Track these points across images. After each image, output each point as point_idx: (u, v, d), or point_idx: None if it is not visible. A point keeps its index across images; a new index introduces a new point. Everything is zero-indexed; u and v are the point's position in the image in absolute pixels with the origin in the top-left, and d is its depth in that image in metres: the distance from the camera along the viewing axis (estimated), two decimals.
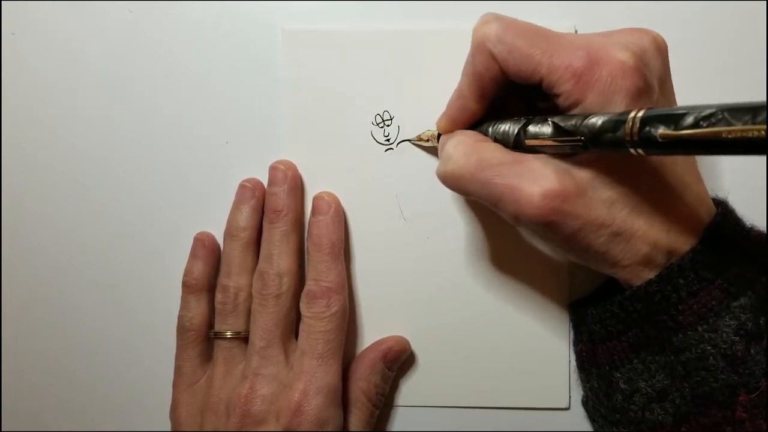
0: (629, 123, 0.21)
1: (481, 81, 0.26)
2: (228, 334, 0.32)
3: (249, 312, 0.32)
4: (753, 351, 0.24)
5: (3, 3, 0.34)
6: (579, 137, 0.23)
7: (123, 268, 0.35)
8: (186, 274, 0.33)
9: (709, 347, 0.24)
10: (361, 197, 0.33)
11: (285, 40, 0.33)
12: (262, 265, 0.31)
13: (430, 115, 0.31)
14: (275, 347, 0.31)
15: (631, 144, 0.21)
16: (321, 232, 0.31)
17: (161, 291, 0.34)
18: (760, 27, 0.32)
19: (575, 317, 0.32)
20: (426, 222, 0.33)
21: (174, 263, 0.34)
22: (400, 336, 0.33)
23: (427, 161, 0.33)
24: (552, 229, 0.24)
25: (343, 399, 0.31)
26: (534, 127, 0.25)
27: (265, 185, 0.33)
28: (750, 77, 0.32)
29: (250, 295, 0.32)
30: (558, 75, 0.24)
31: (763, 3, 0.32)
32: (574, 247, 0.25)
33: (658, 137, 0.20)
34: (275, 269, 0.31)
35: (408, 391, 0.34)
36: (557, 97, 0.24)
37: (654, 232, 0.25)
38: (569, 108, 0.24)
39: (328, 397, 0.30)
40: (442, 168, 0.27)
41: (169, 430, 0.33)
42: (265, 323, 0.31)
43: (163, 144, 0.34)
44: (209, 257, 0.33)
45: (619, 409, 0.28)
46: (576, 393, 0.33)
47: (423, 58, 0.32)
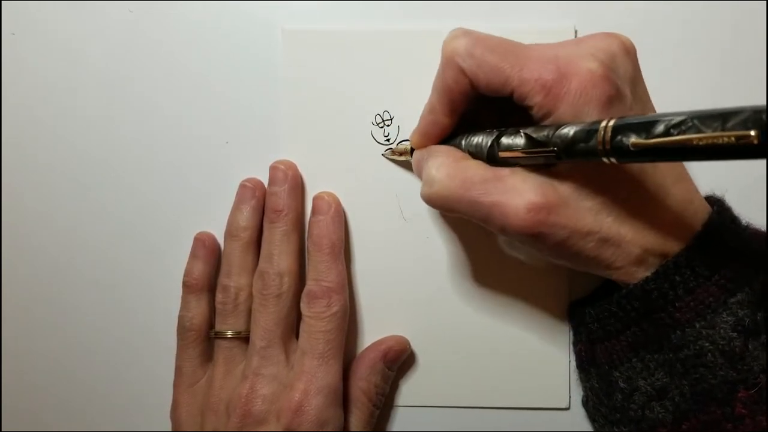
0: (601, 132, 0.21)
1: (451, 95, 0.27)
2: (228, 334, 0.32)
3: (249, 312, 0.32)
4: (751, 347, 0.24)
5: (3, 3, 0.34)
6: (552, 148, 0.23)
7: (123, 268, 0.35)
8: (186, 274, 0.33)
9: (708, 344, 0.25)
10: (361, 197, 0.33)
11: (285, 40, 0.33)
12: (262, 265, 0.31)
13: None
14: (276, 347, 0.31)
15: (604, 153, 0.21)
16: (321, 232, 0.31)
17: (161, 291, 0.34)
18: (760, 27, 0.32)
19: (574, 318, 0.32)
20: (426, 222, 0.33)
21: (174, 263, 0.34)
22: (400, 336, 0.33)
23: None
24: (540, 240, 0.25)
25: (344, 399, 0.31)
26: (507, 139, 0.26)
27: (266, 185, 0.33)
28: (750, 77, 0.32)
29: (250, 295, 0.32)
30: (528, 87, 0.24)
31: (763, 3, 0.32)
32: (564, 254, 0.26)
33: (629, 146, 0.20)
34: (276, 269, 0.31)
35: (408, 391, 0.34)
36: (530, 109, 0.25)
37: (642, 236, 0.25)
38: (542, 119, 0.25)
39: (328, 397, 0.30)
40: (426, 190, 0.27)
41: (170, 430, 0.33)
42: (266, 323, 0.31)
43: (163, 144, 0.34)
44: (209, 257, 0.33)
45: (620, 409, 0.28)
46: (576, 393, 0.33)
47: (423, 58, 0.32)
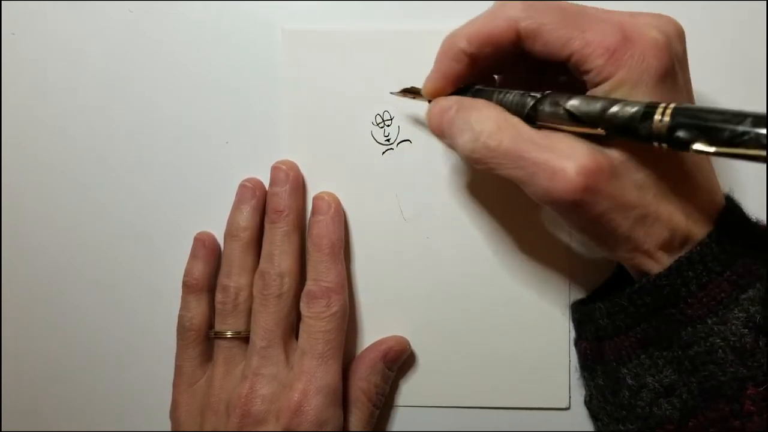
0: (656, 122, 0.21)
1: (489, 43, 0.25)
2: (228, 334, 0.32)
3: (249, 312, 0.32)
4: (762, 343, 0.24)
5: (3, 3, 0.34)
6: (599, 129, 0.23)
7: (123, 268, 0.35)
8: (186, 274, 0.33)
9: (719, 340, 0.24)
10: (361, 197, 0.33)
11: (285, 40, 0.33)
12: (263, 265, 0.31)
13: None
14: (276, 347, 0.31)
15: (657, 140, 0.21)
16: (321, 232, 0.31)
17: (161, 291, 0.34)
18: (760, 27, 0.32)
19: (578, 315, 0.31)
20: (426, 222, 0.33)
21: (174, 263, 0.34)
22: (400, 336, 0.33)
23: (427, 161, 0.33)
24: (582, 208, 0.24)
25: (344, 399, 0.31)
26: (549, 108, 0.24)
27: (266, 185, 0.33)
28: (750, 77, 0.32)
29: (250, 295, 0.32)
30: (591, 50, 0.23)
31: (763, 3, 0.32)
32: (598, 229, 0.25)
33: (691, 149, 0.20)
34: (276, 269, 0.31)
35: (408, 391, 0.34)
36: (586, 73, 0.24)
37: (676, 216, 0.25)
38: (598, 84, 0.24)
39: (328, 397, 0.30)
40: (471, 143, 0.25)
41: (169, 430, 0.33)
42: (266, 323, 0.31)
43: (164, 144, 0.34)
44: (209, 257, 0.33)
45: (626, 406, 0.27)
46: (576, 393, 0.33)
47: (423, 58, 0.31)
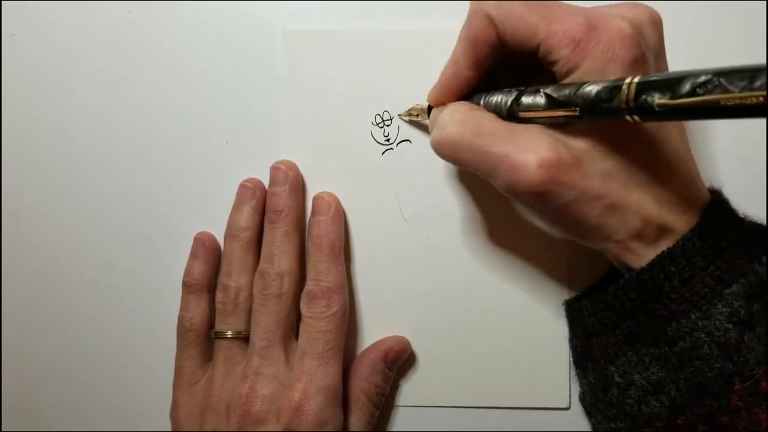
0: (624, 90, 0.21)
1: (477, 45, 0.26)
2: (228, 333, 0.32)
3: (249, 312, 0.32)
4: (746, 338, 0.24)
5: (3, 3, 0.34)
6: (574, 108, 0.23)
7: (123, 268, 0.35)
8: (186, 274, 0.33)
9: (703, 335, 0.24)
10: (361, 197, 0.33)
11: (285, 40, 0.33)
12: (263, 265, 0.31)
13: None
14: (276, 347, 0.31)
15: (627, 111, 0.21)
16: (321, 232, 0.31)
17: (161, 291, 0.34)
18: (760, 27, 0.32)
19: (569, 313, 0.32)
20: (426, 222, 0.33)
21: (174, 263, 0.34)
22: (400, 336, 0.33)
23: (427, 161, 0.33)
24: (546, 200, 0.24)
25: (344, 399, 0.31)
26: (527, 98, 0.25)
27: (266, 185, 0.33)
28: None
29: (250, 295, 0.32)
30: (556, 40, 0.24)
31: (763, 3, 0.32)
32: (567, 220, 0.25)
33: (654, 105, 0.20)
34: (276, 269, 0.31)
35: (408, 391, 0.34)
36: (554, 64, 0.24)
37: (647, 206, 0.25)
38: (566, 75, 0.24)
39: (328, 398, 0.30)
40: (437, 135, 0.27)
41: (170, 430, 0.33)
42: (267, 323, 0.31)
43: (164, 144, 0.34)
44: (209, 257, 0.33)
45: (615, 404, 0.27)
46: (577, 392, 0.33)
47: (423, 58, 0.32)
